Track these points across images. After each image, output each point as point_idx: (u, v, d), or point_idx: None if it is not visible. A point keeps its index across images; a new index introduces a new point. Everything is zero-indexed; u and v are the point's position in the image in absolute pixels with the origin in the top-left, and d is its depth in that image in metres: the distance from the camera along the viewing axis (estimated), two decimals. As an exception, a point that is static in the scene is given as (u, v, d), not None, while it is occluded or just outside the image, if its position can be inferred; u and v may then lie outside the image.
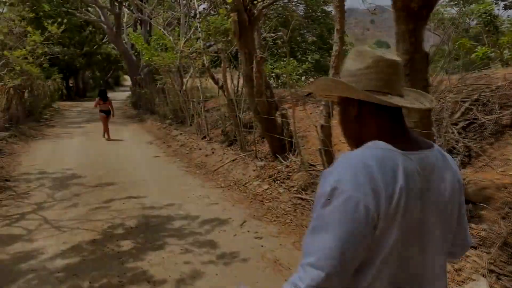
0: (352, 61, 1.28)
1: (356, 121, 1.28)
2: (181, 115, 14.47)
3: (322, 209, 1.11)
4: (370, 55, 1.24)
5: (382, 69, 1.22)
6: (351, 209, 1.06)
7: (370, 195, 1.06)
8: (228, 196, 6.25)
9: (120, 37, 24.84)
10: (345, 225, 1.06)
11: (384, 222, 1.08)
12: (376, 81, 1.22)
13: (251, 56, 6.90)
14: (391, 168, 1.10)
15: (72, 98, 33.83)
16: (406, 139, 1.21)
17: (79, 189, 7.09)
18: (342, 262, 1.06)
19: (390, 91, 1.22)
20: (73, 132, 15.00)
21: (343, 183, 1.08)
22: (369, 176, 1.08)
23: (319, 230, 1.10)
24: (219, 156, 8.87)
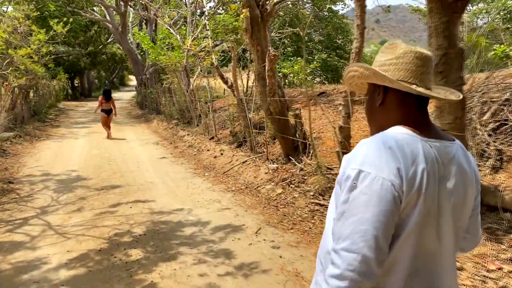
0: (383, 53, 1.32)
1: (380, 109, 1.31)
2: (187, 115, 14.20)
3: (349, 193, 1.13)
4: (400, 47, 1.28)
5: (411, 60, 1.25)
6: (378, 189, 1.08)
7: (394, 174, 1.09)
8: (240, 201, 5.96)
9: (125, 37, 24.61)
10: (374, 206, 1.08)
11: (406, 203, 1.10)
12: (404, 71, 1.24)
13: (263, 54, 6.62)
14: (411, 151, 1.13)
15: (77, 98, 33.67)
16: (428, 128, 1.24)
17: (84, 192, 6.83)
18: (376, 243, 1.07)
19: (416, 82, 1.24)
20: (78, 133, 14.78)
21: (367, 165, 1.11)
22: (391, 157, 1.11)
23: (348, 214, 1.11)
24: (228, 158, 8.59)
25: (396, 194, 1.09)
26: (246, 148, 8.91)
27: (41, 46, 14.36)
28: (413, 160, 1.12)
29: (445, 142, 1.23)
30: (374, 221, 1.07)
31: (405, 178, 1.09)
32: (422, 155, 1.14)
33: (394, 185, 1.09)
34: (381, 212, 1.08)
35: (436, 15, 3.32)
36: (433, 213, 1.16)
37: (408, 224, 1.12)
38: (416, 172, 1.11)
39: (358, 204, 1.10)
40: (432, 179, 1.14)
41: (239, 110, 8.38)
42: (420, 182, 1.11)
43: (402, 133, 1.20)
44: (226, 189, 6.69)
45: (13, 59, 13.32)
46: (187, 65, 13.77)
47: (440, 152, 1.19)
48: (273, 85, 6.41)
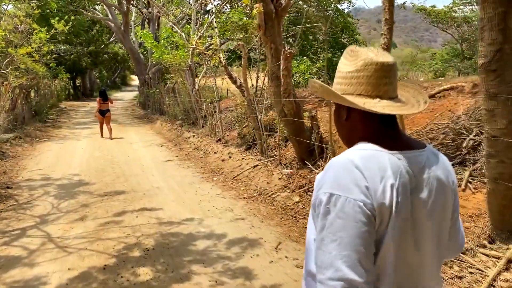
0: (344, 61, 1.28)
1: (346, 124, 1.30)
2: (192, 116, 13.79)
3: (324, 219, 1.12)
4: (361, 57, 1.23)
5: (372, 72, 1.21)
6: (351, 211, 1.07)
7: (363, 194, 1.08)
8: (254, 210, 5.54)
9: (127, 36, 24.24)
10: (350, 229, 1.07)
11: (380, 220, 1.09)
12: (366, 85, 1.22)
13: (277, 52, 6.21)
14: (379, 166, 1.12)
15: (79, 98, 33.27)
16: (396, 141, 1.22)
17: (87, 198, 6.43)
18: (361, 265, 1.06)
19: (380, 95, 1.22)
20: (80, 134, 14.39)
21: (336, 188, 1.11)
22: (359, 176, 1.10)
23: (327, 240, 1.09)
24: (237, 161, 8.18)
25: (369, 213, 1.08)
26: (256, 151, 8.50)
27: (42, 45, 13.98)
28: (381, 177, 1.11)
29: (414, 151, 1.21)
30: (354, 245, 1.06)
31: (374, 196, 1.09)
32: (390, 170, 1.12)
33: (366, 204, 1.08)
34: (358, 235, 1.07)
35: (490, 5, 2.90)
36: (409, 226, 1.14)
37: (384, 240, 1.11)
38: (385, 188, 1.10)
39: (335, 230, 1.09)
40: (403, 192, 1.12)
41: (249, 111, 7.97)
42: (390, 198, 1.09)
43: (367, 149, 1.18)
44: (237, 196, 6.28)
45: (13, 58, 12.93)
46: (192, 64, 13.35)
47: (410, 163, 1.17)
48: (288, 85, 6.00)
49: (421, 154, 1.23)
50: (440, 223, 1.25)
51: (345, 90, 1.25)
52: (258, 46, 9.17)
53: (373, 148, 1.17)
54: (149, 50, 24.25)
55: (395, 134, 1.25)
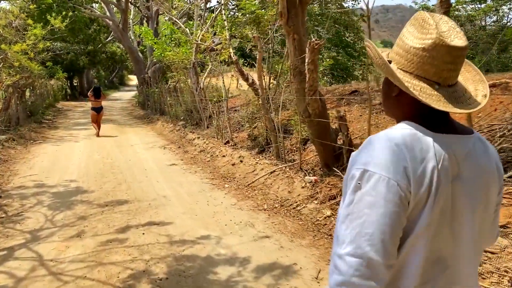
0: (412, 30, 1.16)
1: (396, 100, 1.21)
2: (196, 116, 13.05)
3: (353, 194, 1.06)
4: (432, 34, 1.09)
5: (439, 55, 1.09)
6: (383, 190, 1.02)
7: (400, 174, 1.02)
8: (279, 225, 4.80)
9: (126, 34, 23.49)
10: (379, 208, 1.02)
11: (415, 204, 1.04)
12: (429, 67, 1.11)
13: (301, 43, 5.49)
14: (421, 148, 1.06)
15: (77, 98, 32.42)
16: (443, 122, 1.14)
17: (85, 209, 5.70)
18: (383, 246, 1.01)
19: (440, 81, 1.12)
20: (78, 135, 13.59)
21: (372, 165, 1.05)
22: (398, 155, 1.04)
23: (353, 216, 1.05)
24: (250, 166, 7.45)
25: (402, 194, 1.02)
26: (270, 155, 7.78)
27: (37, 42, 13.23)
28: (422, 158, 1.04)
29: (461, 136, 1.13)
30: (380, 224, 1.01)
31: (412, 177, 1.03)
32: (433, 152, 1.05)
33: (401, 185, 1.02)
34: (387, 215, 1.01)
35: None
36: (447, 214, 1.08)
37: (417, 226, 1.05)
38: (425, 170, 1.03)
39: (363, 206, 1.03)
40: (445, 177, 1.05)
41: (263, 110, 7.24)
42: (430, 181, 1.03)
43: (412, 128, 1.10)
44: (256, 207, 5.55)
45: (6, 55, 12.16)
46: (196, 62, 12.61)
47: (456, 148, 1.09)
48: (314, 81, 5.27)
49: (468, 139, 1.15)
50: (483, 216, 1.17)
51: (404, 66, 1.16)
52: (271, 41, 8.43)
53: (417, 127, 1.10)
54: (148, 49, 23.58)
55: (444, 116, 1.15)
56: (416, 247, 1.06)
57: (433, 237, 1.07)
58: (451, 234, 1.10)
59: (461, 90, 1.16)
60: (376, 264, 1.00)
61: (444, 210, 1.07)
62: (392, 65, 1.18)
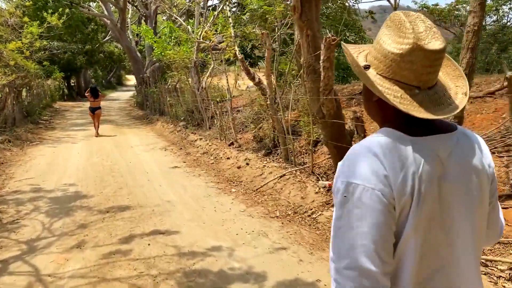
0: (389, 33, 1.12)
1: (376, 104, 1.19)
2: (197, 116, 12.70)
3: (341, 208, 1.07)
4: (409, 38, 1.06)
5: (417, 60, 1.06)
6: (369, 201, 1.03)
7: (382, 183, 1.03)
8: (295, 234, 4.46)
9: (124, 33, 23.10)
10: (368, 218, 1.02)
11: (400, 209, 1.04)
12: (408, 72, 1.09)
13: (315, 40, 5.16)
14: (399, 155, 1.06)
15: (74, 98, 32.00)
16: (423, 124, 1.11)
17: (85, 216, 5.36)
18: (378, 256, 1.01)
19: (420, 85, 1.10)
20: (76, 136, 13.21)
21: (354, 177, 1.06)
22: (377, 165, 1.04)
23: (345, 229, 1.05)
24: (258, 170, 7.11)
25: (387, 202, 1.03)
26: (278, 158, 7.45)
27: (34, 40, 12.86)
28: (401, 165, 1.05)
29: (442, 135, 1.12)
30: (372, 235, 1.01)
31: (393, 185, 1.03)
32: (412, 158, 1.06)
33: (384, 194, 1.02)
34: (376, 224, 1.02)
35: None
36: (436, 215, 1.08)
37: (404, 230, 1.05)
38: (405, 177, 1.04)
39: (352, 219, 1.04)
40: (427, 180, 1.05)
41: (271, 111, 6.90)
42: (411, 187, 1.03)
43: (390, 135, 1.10)
44: (267, 215, 5.21)
45: (2, 54, 11.80)
46: (197, 61, 12.26)
47: (438, 148, 1.09)
48: (329, 79, 4.94)
49: (451, 137, 1.13)
50: (476, 211, 1.14)
51: (383, 71, 1.13)
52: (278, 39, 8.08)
53: (394, 135, 1.09)
54: (147, 48, 23.23)
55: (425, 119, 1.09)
56: (406, 250, 1.06)
57: (424, 239, 1.06)
58: (444, 235, 1.09)
59: (442, 90, 1.15)
60: (374, 274, 1.00)
61: (433, 213, 1.07)
62: (371, 70, 1.15)
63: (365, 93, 1.27)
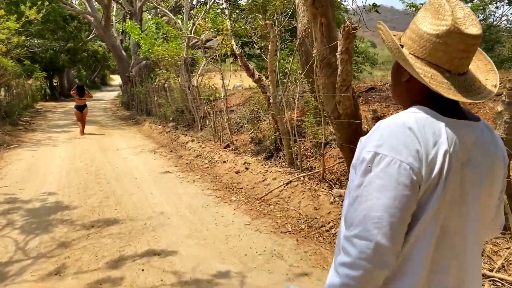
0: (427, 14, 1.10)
1: (405, 86, 1.18)
2: (188, 116, 11.99)
3: (363, 176, 1.02)
4: (447, 20, 1.04)
5: (453, 42, 1.04)
6: (394, 172, 0.97)
7: (412, 157, 0.98)
8: (315, 255, 3.79)
9: (109, 31, 22.25)
10: (390, 191, 0.97)
11: (426, 187, 0.99)
12: (442, 53, 1.06)
13: (330, 29, 4.53)
14: (433, 131, 1.02)
15: (57, 98, 30.90)
16: (452, 108, 1.09)
17: (66, 232, 4.65)
18: (391, 230, 0.97)
19: (451, 69, 1.08)
20: (58, 138, 12.35)
21: (384, 148, 1.01)
22: (410, 138, 1.00)
23: (362, 199, 1.00)
24: (259, 175, 6.46)
25: (414, 178, 0.97)
26: (281, 161, 6.80)
27: (11, 36, 12.01)
28: (434, 142, 1.00)
29: (470, 122, 1.09)
30: (389, 207, 0.97)
31: (425, 161, 0.98)
32: (445, 137, 1.01)
33: (413, 168, 0.97)
34: (397, 198, 0.97)
35: None
36: (456, 199, 1.03)
37: (427, 210, 0.99)
38: (437, 154, 0.99)
39: (372, 189, 0.99)
40: (455, 162, 1.01)
41: (274, 110, 6.25)
42: (441, 165, 0.99)
43: (424, 112, 1.06)
44: (277, 229, 4.56)
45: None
46: (188, 58, 11.55)
47: (465, 133, 1.06)
48: (348, 74, 4.32)
49: (477, 126, 1.11)
50: (488, 202, 1.13)
51: (416, 51, 1.11)
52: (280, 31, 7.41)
53: (428, 112, 1.06)
54: (132, 46, 22.37)
55: (453, 102, 1.10)
56: (425, 231, 1.00)
57: (442, 225, 1.01)
58: (460, 221, 1.04)
59: (471, 79, 1.12)
60: (383, 248, 0.96)
61: (454, 196, 1.02)
62: (404, 49, 1.12)
63: (394, 74, 1.23)
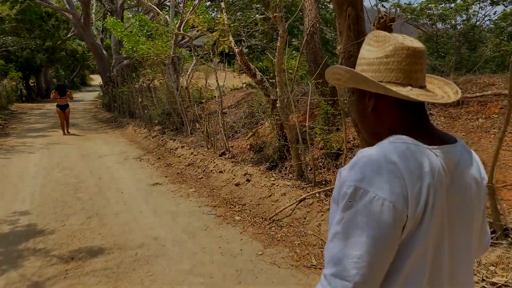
0: (370, 47, 1.12)
1: (373, 115, 1.12)
2: (176, 120, 11.13)
3: (343, 212, 0.96)
4: (390, 42, 1.07)
5: (403, 58, 1.06)
6: (377, 210, 0.91)
7: (397, 194, 0.92)
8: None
9: (88, 29, 21.17)
10: (372, 230, 0.91)
11: (412, 224, 0.94)
12: (397, 72, 1.07)
13: (358, 22, 3.79)
14: (417, 164, 0.96)
15: (34, 99, 29.53)
16: (429, 133, 1.07)
17: (39, 268, 3.81)
18: (371, 271, 0.91)
19: (411, 83, 1.07)
20: (33, 144, 11.29)
21: (366, 182, 0.93)
22: (394, 173, 0.93)
23: (342, 236, 0.94)
24: (264, 189, 5.69)
25: (398, 217, 0.91)
26: (288, 173, 6.04)
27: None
28: (418, 175, 0.94)
29: (448, 146, 1.05)
30: (370, 247, 0.90)
31: (410, 197, 0.92)
32: (428, 168, 0.96)
33: (397, 207, 0.91)
34: (379, 237, 0.90)
35: None
36: (445, 228, 1.00)
37: (413, 248, 0.94)
38: (421, 188, 0.94)
39: (353, 226, 0.93)
40: (439, 192, 0.97)
41: (282, 115, 5.47)
42: (426, 199, 0.94)
43: (406, 142, 1.00)
44: (298, 261, 3.78)
45: None
46: (175, 56, 10.68)
47: (446, 159, 1.01)
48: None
49: (455, 149, 1.07)
50: (475, 222, 1.10)
51: (372, 77, 1.07)
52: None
53: (410, 141, 1.00)
54: (113, 44, 21.34)
55: (427, 126, 1.08)
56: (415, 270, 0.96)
57: (434, 256, 0.98)
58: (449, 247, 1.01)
59: (433, 90, 1.11)
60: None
61: (442, 224, 0.99)
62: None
63: (358, 110, 1.17)
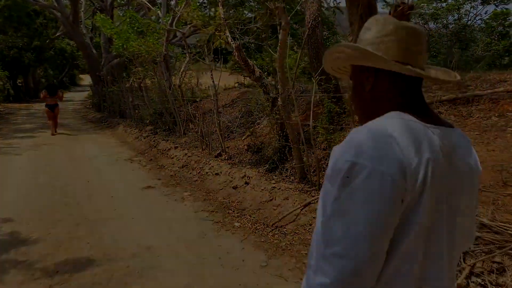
0: (369, 29, 1.09)
1: (371, 95, 1.09)
2: (168, 119, 10.74)
3: (340, 189, 0.90)
4: (391, 22, 1.05)
5: (403, 37, 1.03)
6: (376, 185, 0.86)
7: (396, 167, 0.87)
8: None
9: (77, 27, 20.66)
10: (371, 205, 0.86)
11: (411, 198, 0.89)
12: (397, 49, 1.03)
13: (372, 10, 3.47)
14: (416, 138, 0.92)
15: (22, 99, 28.89)
16: (426, 114, 1.03)
17: (22, 283, 3.44)
18: (373, 248, 0.86)
19: (411, 62, 1.03)
20: (19, 145, 10.81)
21: (363, 157, 0.88)
22: (393, 147, 0.89)
23: (340, 214, 0.89)
24: (264, 192, 5.35)
25: (397, 191, 0.86)
26: (289, 175, 5.71)
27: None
28: (417, 149, 0.90)
29: (446, 128, 1.02)
30: (370, 223, 0.85)
31: (408, 170, 0.87)
32: (427, 143, 0.92)
33: (396, 180, 0.86)
34: (379, 212, 0.86)
35: None
36: (443, 210, 0.95)
37: (412, 225, 0.89)
38: (420, 162, 0.89)
39: (351, 203, 0.87)
40: (438, 169, 0.92)
41: (283, 114, 5.14)
42: (424, 174, 0.89)
43: (402, 118, 0.96)
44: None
45: None
46: (167, 54, 10.30)
47: (443, 140, 0.97)
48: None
49: (453, 132, 1.04)
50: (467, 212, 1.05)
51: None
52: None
53: (407, 117, 0.97)
54: (103, 43, 20.86)
55: (425, 105, 1.06)
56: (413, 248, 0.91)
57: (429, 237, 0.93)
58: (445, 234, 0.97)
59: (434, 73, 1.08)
60: (363, 267, 0.86)
61: (439, 208, 0.94)
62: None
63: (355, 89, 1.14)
